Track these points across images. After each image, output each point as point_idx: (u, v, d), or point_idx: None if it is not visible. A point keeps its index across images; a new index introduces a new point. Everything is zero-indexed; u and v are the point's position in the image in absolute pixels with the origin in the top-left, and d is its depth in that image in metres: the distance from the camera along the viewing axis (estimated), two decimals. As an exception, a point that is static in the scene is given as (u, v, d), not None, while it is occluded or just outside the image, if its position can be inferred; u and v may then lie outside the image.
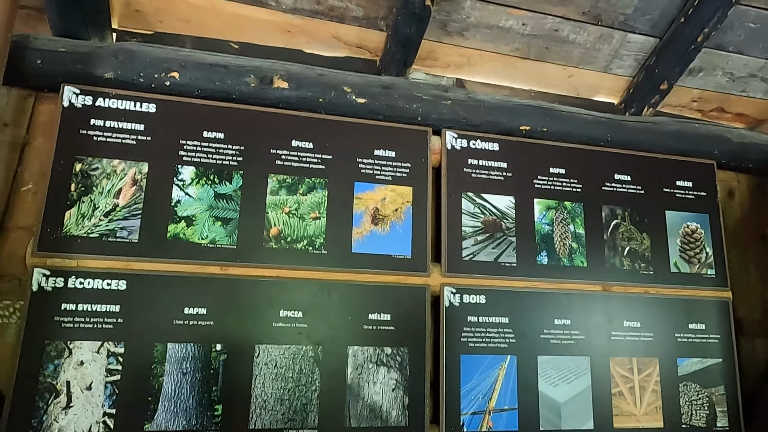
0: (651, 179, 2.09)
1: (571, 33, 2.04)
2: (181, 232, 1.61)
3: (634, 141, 2.10)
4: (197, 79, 1.70)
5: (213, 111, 1.71)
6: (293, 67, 1.80)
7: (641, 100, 2.20)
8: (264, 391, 1.57)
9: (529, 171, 1.97)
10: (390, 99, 1.86)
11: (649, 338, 1.94)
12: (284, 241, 1.69)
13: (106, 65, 1.64)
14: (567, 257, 1.92)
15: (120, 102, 1.64)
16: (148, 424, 1.48)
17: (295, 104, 1.78)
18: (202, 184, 1.66)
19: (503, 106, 1.97)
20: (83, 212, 1.55)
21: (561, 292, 1.89)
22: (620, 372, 1.88)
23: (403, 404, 1.67)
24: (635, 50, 2.12)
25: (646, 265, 2.00)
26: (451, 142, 1.91)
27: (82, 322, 1.49)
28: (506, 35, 2.03)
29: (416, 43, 1.91)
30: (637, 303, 1.96)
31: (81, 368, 1.46)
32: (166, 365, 1.52)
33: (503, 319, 1.81)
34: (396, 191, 1.82)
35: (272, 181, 1.72)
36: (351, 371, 1.65)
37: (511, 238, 1.89)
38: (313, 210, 1.73)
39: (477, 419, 1.72)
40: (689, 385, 1.94)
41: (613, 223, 2.01)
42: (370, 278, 1.73)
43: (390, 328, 1.71)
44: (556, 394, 1.80)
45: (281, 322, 1.63)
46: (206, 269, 1.61)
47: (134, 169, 1.61)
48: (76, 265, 1.52)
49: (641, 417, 1.86)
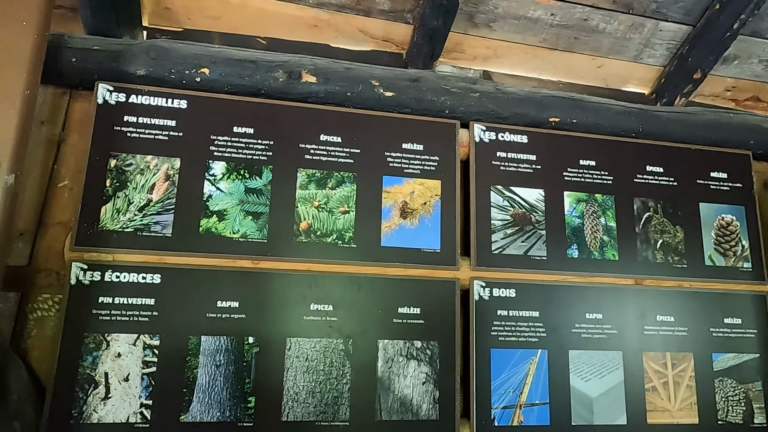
0: (684, 171, 2.04)
1: (601, 22, 2.00)
2: (213, 227, 1.63)
3: (667, 132, 2.05)
4: (227, 74, 1.71)
5: (242, 106, 1.73)
6: (321, 61, 1.80)
7: (673, 89, 2.15)
8: (296, 384, 1.59)
9: (558, 163, 1.94)
10: (418, 92, 1.85)
11: (684, 333, 1.90)
12: (314, 234, 1.69)
13: (138, 62, 1.66)
14: (598, 250, 1.89)
15: (152, 98, 1.67)
16: (184, 416, 1.50)
17: (323, 98, 1.79)
18: (233, 179, 1.68)
19: (532, 97, 1.95)
20: (118, 207, 1.58)
21: (592, 285, 1.86)
22: (654, 367, 1.85)
23: (433, 398, 1.67)
24: (667, 39, 2.07)
25: (679, 258, 1.96)
26: (479, 134, 1.89)
27: (118, 315, 1.52)
28: (534, 26, 2.00)
29: (443, 36, 1.89)
30: (670, 297, 1.92)
31: (118, 360, 1.49)
32: (200, 358, 1.54)
33: (534, 313, 1.79)
34: (424, 185, 1.82)
35: (301, 176, 1.73)
36: (381, 365, 1.66)
37: (540, 231, 1.87)
38: (342, 204, 1.74)
39: (508, 413, 1.71)
40: (725, 380, 1.89)
41: (645, 216, 1.97)
42: (399, 272, 1.73)
43: (420, 321, 1.71)
44: (588, 389, 1.78)
45: (312, 316, 1.64)
46: (238, 263, 1.62)
47: (167, 164, 1.64)
48: (113, 259, 1.55)
49: (675, 413, 1.83)
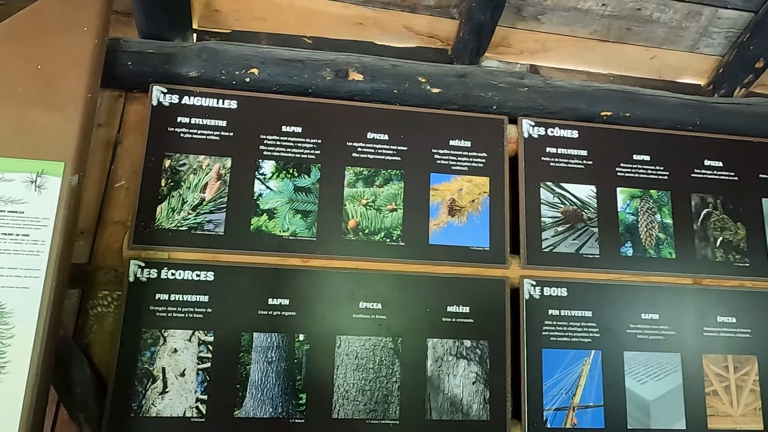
0: (745, 165, 1.95)
1: (655, 11, 1.92)
2: (263, 225, 1.65)
3: (726, 124, 1.96)
4: (275, 74, 1.73)
5: (291, 105, 1.74)
6: (367, 59, 1.80)
7: (732, 80, 2.05)
8: (346, 381, 1.59)
9: (611, 158, 1.88)
10: (465, 88, 1.82)
11: (746, 335, 1.81)
12: (362, 233, 1.69)
13: (190, 64, 1.69)
14: (654, 248, 1.83)
15: (204, 99, 1.70)
16: (238, 411, 1.52)
17: (369, 96, 1.78)
18: (282, 178, 1.69)
19: (583, 91, 1.89)
20: (173, 206, 1.62)
21: (648, 285, 1.80)
22: (714, 370, 1.77)
23: (484, 398, 1.64)
24: (726, 27, 1.98)
25: (741, 256, 1.87)
26: (527, 130, 1.85)
27: (174, 311, 1.55)
28: (584, 17, 1.94)
29: (490, 30, 1.86)
30: (731, 297, 1.83)
31: (175, 355, 1.53)
32: (252, 354, 1.56)
33: (586, 313, 1.74)
34: (472, 182, 1.79)
35: (349, 174, 1.73)
36: (431, 363, 1.64)
37: (593, 229, 1.81)
38: (390, 202, 1.73)
39: (561, 415, 1.67)
40: (792, 385, 1.80)
41: (703, 213, 1.89)
42: (447, 270, 1.71)
43: (469, 320, 1.69)
44: (645, 392, 1.72)
45: (361, 314, 1.64)
46: (288, 261, 1.64)
47: (218, 164, 1.66)
48: (168, 257, 1.58)
49: (738, 418, 1.75)
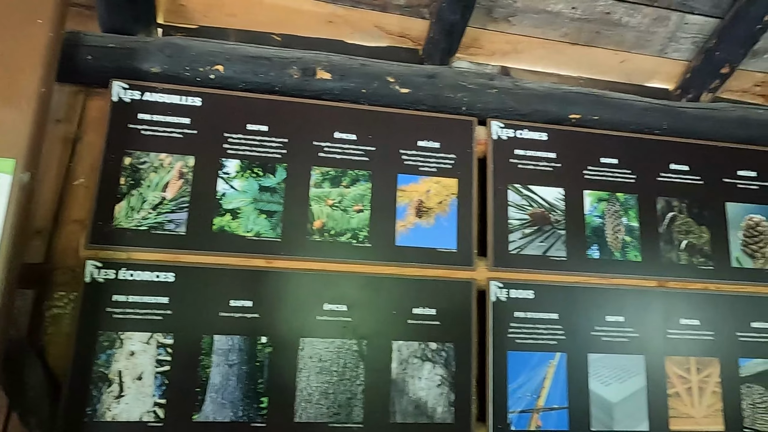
0: (710, 169, 1.97)
1: (624, 15, 1.94)
2: (226, 225, 1.62)
3: (693, 129, 1.98)
4: (241, 72, 1.70)
5: (257, 104, 1.71)
6: (336, 58, 1.78)
7: (700, 85, 2.08)
8: (309, 385, 1.57)
9: (579, 161, 1.89)
10: (434, 88, 1.81)
11: (709, 337, 1.84)
12: (328, 233, 1.67)
13: (153, 60, 1.65)
14: (620, 251, 1.84)
15: (167, 96, 1.66)
16: (197, 415, 1.49)
17: (338, 95, 1.76)
18: (247, 177, 1.66)
19: (552, 93, 1.90)
20: (132, 205, 1.57)
21: (613, 287, 1.81)
22: (677, 372, 1.79)
23: (448, 401, 1.63)
24: (694, 32, 2.00)
25: (705, 259, 1.89)
26: (497, 132, 1.85)
27: (132, 313, 1.51)
28: (555, 20, 1.94)
29: (461, 31, 1.85)
30: (695, 300, 1.86)
31: (132, 358, 1.49)
32: (213, 357, 1.53)
33: (552, 315, 1.75)
34: (440, 183, 1.78)
35: (315, 174, 1.71)
36: (396, 366, 1.63)
37: (560, 231, 1.82)
38: (357, 202, 1.71)
39: (525, 418, 1.67)
40: (753, 387, 1.82)
41: (669, 216, 1.90)
42: (414, 272, 1.70)
43: (435, 323, 1.68)
44: (609, 394, 1.73)
45: (325, 316, 1.62)
46: (251, 262, 1.61)
47: (181, 162, 1.63)
48: (127, 257, 1.54)
49: (700, 419, 1.77)
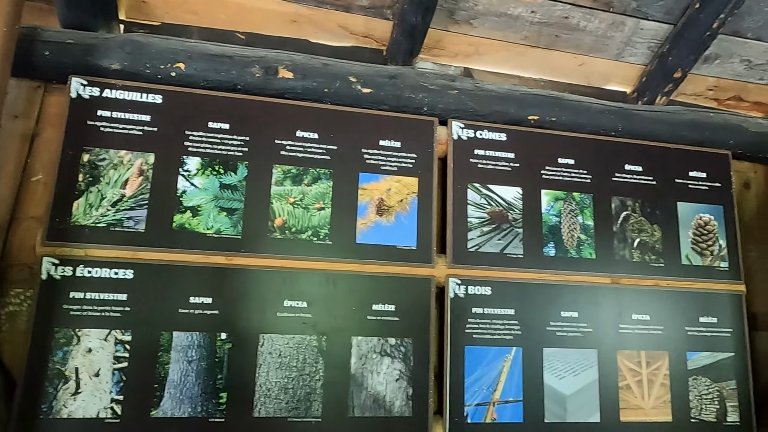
0: (663, 170, 2.05)
1: (582, 20, 1.99)
2: (186, 222, 1.62)
3: (647, 131, 2.06)
4: (203, 69, 1.70)
5: (218, 102, 1.72)
6: (298, 57, 1.80)
7: (654, 88, 2.15)
8: (268, 380, 1.59)
9: (537, 161, 1.94)
10: (396, 89, 1.84)
11: (659, 331, 1.91)
12: (289, 231, 1.69)
13: (113, 56, 1.65)
14: (575, 249, 1.90)
15: (127, 93, 1.66)
16: (155, 411, 1.50)
17: (300, 94, 1.78)
18: (208, 175, 1.67)
19: (511, 95, 1.95)
20: (91, 202, 1.57)
21: (568, 284, 1.87)
22: (628, 365, 1.86)
23: (406, 395, 1.67)
24: (648, 37, 2.07)
25: (656, 257, 1.97)
26: (457, 132, 1.89)
27: (90, 310, 1.51)
28: (515, 23, 1.99)
29: (423, 32, 1.88)
30: (646, 296, 1.93)
31: (89, 355, 1.49)
32: (172, 353, 1.54)
33: (509, 311, 1.80)
34: (401, 182, 1.81)
35: (277, 172, 1.72)
36: (355, 361, 1.66)
37: (517, 230, 1.87)
38: (318, 200, 1.73)
39: (481, 411, 1.71)
40: (699, 379, 1.91)
41: (623, 215, 1.97)
42: (374, 269, 1.73)
43: (394, 318, 1.71)
44: (562, 387, 1.79)
45: (286, 312, 1.64)
46: (211, 259, 1.62)
47: (141, 159, 1.63)
48: (85, 255, 1.54)
49: (649, 411, 1.84)
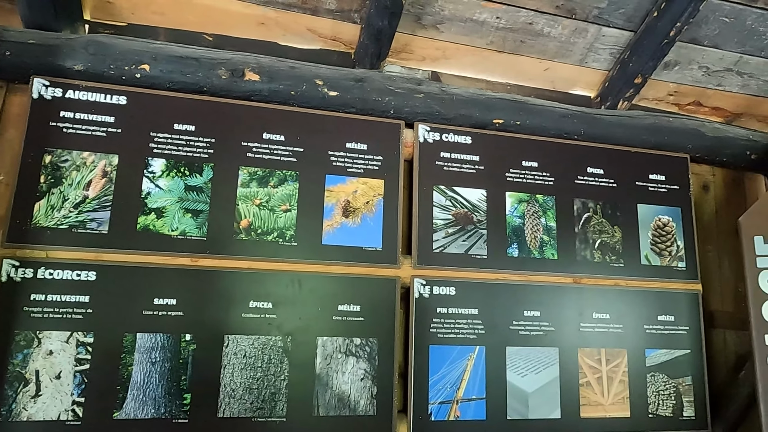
0: (624, 173, 2.11)
1: (546, 26, 2.04)
2: (151, 224, 1.63)
3: (609, 135, 2.11)
4: (168, 71, 1.71)
5: (184, 103, 1.72)
6: (265, 59, 1.81)
7: (616, 93, 2.21)
8: (233, 381, 1.60)
9: (501, 164, 1.98)
10: (362, 92, 1.86)
11: (618, 330, 1.97)
12: (254, 233, 1.70)
13: (76, 57, 1.64)
14: (538, 250, 1.95)
15: (90, 94, 1.65)
16: (117, 413, 1.50)
17: (266, 97, 1.79)
18: (173, 177, 1.67)
19: (476, 99, 1.98)
20: (53, 204, 1.56)
21: (531, 284, 1.91)
22: (588, 363, 1.91)
23: (371, 394, 1.70)
24: (610, 44, 2.13)
25: (616, 257, 2.03)
26: (423, 135, 1.92)
27: (51, 312, 1.51)
28: (481, 28, 2.03)
29: (389, 36, 1.91)
30: (607, 295, 1.98)
31: (50, 357, 1.48)
32: (135, 355, 1.54)
33: (473, 311, 1.84)
34: (367, 184, 1.84)
35: (243, 174, 1.73)
36: (320, 361, 1.68)
37: (482, 231, 1.91)
38: (284, 202, 1.75)
39: (444, 408, 1.75)
40: (657, 375, 1.97)
41: (584, 216, 2.03)
42: (340, 270, 1.75)
43: (360, 319, 1.74)
44: (524, 384, 1.83)
45: (251, 313, 1.65)
46: (176, 260, 1.63)
47: (104, 161, 1.63)
48: (46, 256, 1.53)
49: (608, 407, 1.90)
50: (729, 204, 2.42)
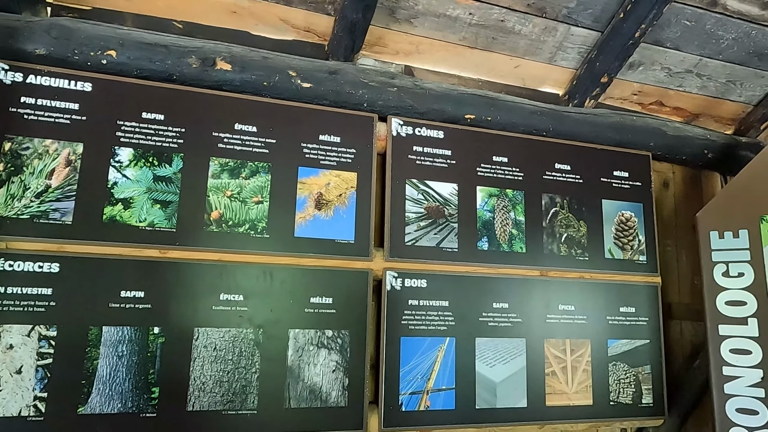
0: (589, 169, 2.17)
1: (517, 24, 2.08)
2: (117, 215, 1.59)
3: (576, 132, 2.17)
4: (136, 58, 1.66)
5: (152, 91, 1.68)
6: (237, 49, 1.78)
7: (583, 92, 2.27)
8: (203, 374, 1.58)
9: (472, 159, 2.02)
10: (336, 84, 1.86)
11: (583, 321, 2.04)
12: (225, 224, 1.68)
13: (37, 41, 1.58)
14: (507, 243, 1.99)
15: (53, 80, 1.59)
16: (82, 407, 1.47)
17: (238, 87, 1.77)
18: (141, 166, 1.64)
19: (449, 94, 2.01)
20: (13, 193, 1.51)
21: (500, 276, 1.96)
22: (554, 353, 1.97)
23: (343, 385, 1.71)
24: (578, 43, 2.18)
25: (582, 251, 2.09)
26: (396, 128, 1.94)
27: (11, 305, 1.46)
28: (454, 24, 2.05)
29: (363, 29, 1.91)
30: (572, 287, 2.05)
31: (10, 352, 1.43)
32: (101, 348, 1.51)
33: (443, 303, 1.87)
34: (340, 177, 1.84)
35: (214, 165, 1.71)
36: (292, 354, 1.68)
37: (453, 224, 1.94)
38: (256, 194, 1.73)
39: (415, 399, 1.78)
40: (618, 364, 2.05)
41: (552, 211, 2.08)
42: (312, 262, 1.75)
43: (332, 311, 1.74)
44: (493, 374, 1.88)
45: (221, 306, 1.64)
46: (144, 252, 1.59)
47: (68, 149, 1.57)
48: (6, 247, 1.48)
49: (572, 395, 1.96)
50: (687, 201, 2.52)
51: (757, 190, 1.91)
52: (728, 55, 2.29)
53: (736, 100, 2.53)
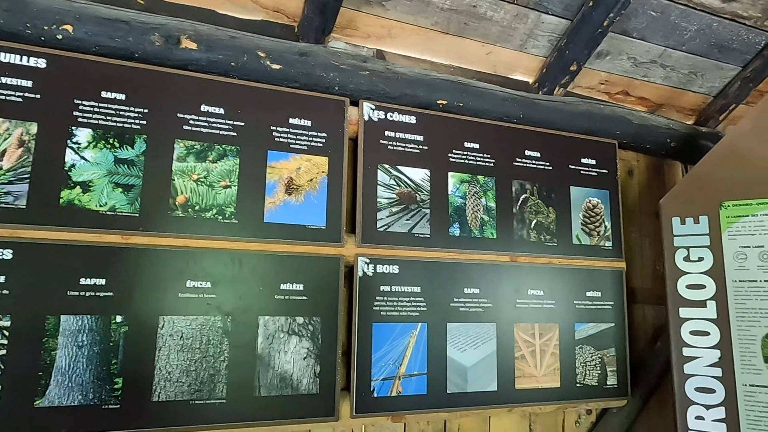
0: (558, 156, 2.20)
1: (489, 10, 2.07)
2: (76, 198, 1.51)
3: (546, 119, 2.19)
4: (95, 34, 1.58)
5: (113, 70, 1.60)
6: (203, 27, 1.71)
7: (553, 80, 2.29)
8: (168, 363, 1.53)
9: (444, 145, 2.01)
10: (306, 66, 1.82)
11: (551, 305, 2.07)
12: (192, 209, 1.63)
13: (-15, 13, 1.48)
14: (478, 229, 2.00)
15: (3, 54, 1.50)
16: (39, 400, 1.40)
17: (204, 67, 1.70)
18: (101, 148, 1.56)
19: (421, 79, 1.99)
20: (-40, 175, 1.41)
21: (471, 262, 1.97)
22: (523, 337, 2.00)
23: (314, 372, 1.69)
24: (549, 31, 2.20)
25: (551, 237, 2.12)
26: (368, 113, 1.91)
27: (-40, 293, 1.37)
28: (426, 8, 2.03)
29: (334, 10, 1.87)
30: (541, 273, 2.08)
31: (-41, 343, 1.35)
32: (59, 338, 1.44)
33: (415, 288, 1.86)
34: (311, 161, 1.80)
35: (179, 147, 1.64)
36: (261, 341, 1.64)
37: (425, 210, 1.93)
38: (224, 178, 1.68)
39: (387, 385, 1.77)
40: (584, 347, 2.10)
41: (522, 197, 2.10)
42: (282, 248, 1.71)
43: (302, 298, 1.71)
44: (464, 359, 1.89)
45: (188, 293, 1.59)
46: (105, 238, 1.52)
47: (21, 129, 1.48)
48: (-47, 233, 1.39)
49: (541, 378, 2.00)
50: (650, 188, 2.59)
51: (716, 177, 1.98)
52: (691, 47, 2.35)
53: (698, 91, 2.61)
